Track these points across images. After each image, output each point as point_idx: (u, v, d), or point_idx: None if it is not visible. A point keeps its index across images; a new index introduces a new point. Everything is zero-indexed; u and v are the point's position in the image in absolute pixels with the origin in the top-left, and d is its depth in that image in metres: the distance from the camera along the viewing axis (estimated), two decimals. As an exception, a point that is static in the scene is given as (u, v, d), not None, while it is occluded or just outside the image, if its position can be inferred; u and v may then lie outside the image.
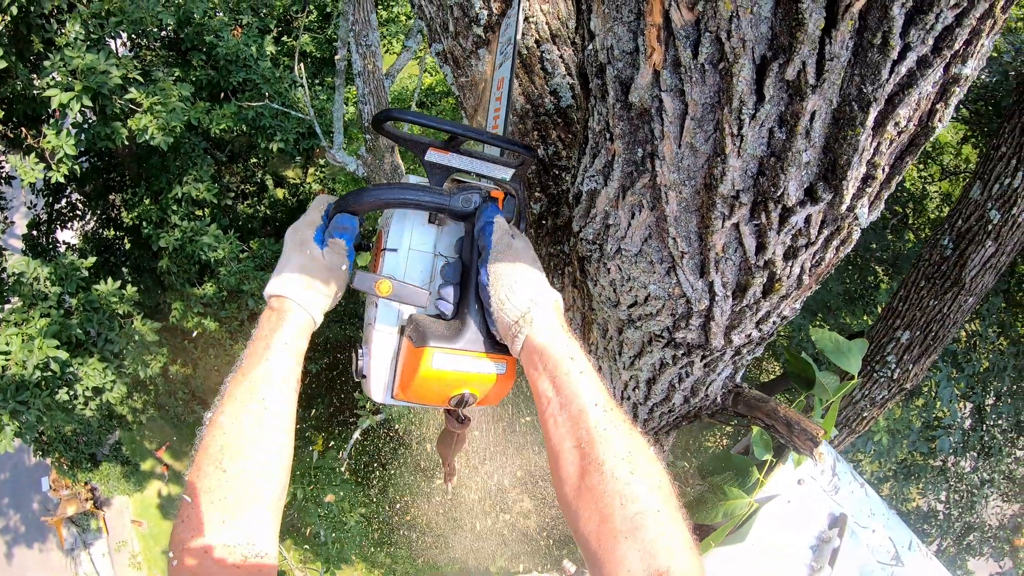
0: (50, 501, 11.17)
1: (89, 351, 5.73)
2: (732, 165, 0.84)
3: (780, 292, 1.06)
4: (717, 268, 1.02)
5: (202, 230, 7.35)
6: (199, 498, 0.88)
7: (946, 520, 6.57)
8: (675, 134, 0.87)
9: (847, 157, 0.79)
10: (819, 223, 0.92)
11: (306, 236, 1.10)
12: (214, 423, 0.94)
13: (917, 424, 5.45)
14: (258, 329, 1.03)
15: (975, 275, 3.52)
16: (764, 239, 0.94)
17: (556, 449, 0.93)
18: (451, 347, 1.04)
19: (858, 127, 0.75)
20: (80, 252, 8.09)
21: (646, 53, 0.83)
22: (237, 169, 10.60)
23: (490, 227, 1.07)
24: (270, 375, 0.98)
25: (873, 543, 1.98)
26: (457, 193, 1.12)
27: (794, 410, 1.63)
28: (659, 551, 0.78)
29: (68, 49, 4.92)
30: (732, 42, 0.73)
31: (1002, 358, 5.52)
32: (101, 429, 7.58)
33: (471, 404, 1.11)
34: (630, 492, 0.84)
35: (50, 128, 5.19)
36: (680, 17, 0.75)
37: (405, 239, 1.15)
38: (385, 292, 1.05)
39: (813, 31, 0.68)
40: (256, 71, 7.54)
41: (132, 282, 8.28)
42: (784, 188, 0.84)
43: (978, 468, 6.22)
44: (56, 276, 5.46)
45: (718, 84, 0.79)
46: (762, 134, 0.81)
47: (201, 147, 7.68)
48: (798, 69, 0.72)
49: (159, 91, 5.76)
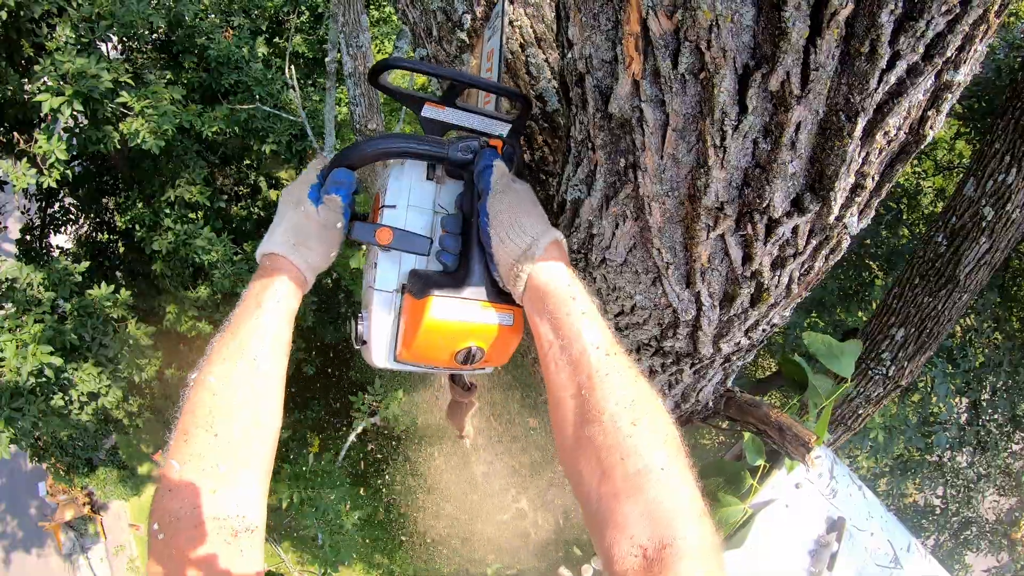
0: (48, 506, 11.14)
1: (83, 356, 5.71)
2: (715, 177, 0.82)
3: (768, 301, 1.05)
4: (703, 279, 1.01)
5: (195, 233, 7.31)
6: (188, 465, 0.83)
7: (943, 515, 6.58)
8: (656, 145, 0.85)
9: (834, 168, 0.77)
10: (807, 233, 0.90)
11: (300, 194, 1.07)
12: (201, 383, 0.90)
13: (913, 420, 5.45)
14: (248, 289, 1.00)
15: (969, 272, 3.52)
16: (750, 250, 0.92)
17: (555, 396, 0.87)
18: (454, 295, 1.00)
19: (846, 137, 0.73)
20: (74, 256, 8.06)
21: (625, 63, 0.81)
22: (230, 171, 10.55)
23: (489, 170, 1.04)
24: (261, 334, 0.94)
25: (871, 546, 1.98)
26: (455, 142, 1.09)
27: (786, 415, 1.62)
28: (663, 516, 0.72)
29: (58, 53, 4.89)
30: (712, 52, 0.70)
31: (997, 353, 5.52)
32: (97, 433, 7.56)
33: (479, 361, 1.06)
34: (631, 445, 0.77)
35: (41, 133, 5.16)
36: (658, 26, 0.73)
37: (403, 195, 1.12)
38: (385, 240, 1.02)
39: (797, 40, 0.66)
40: (248, 73, 7.51)
41: (126, 286, 8.25)
42: (770, 200, 0.82)
43: (974, 463, 6.22)
44: (49, 281, 5.44)
45: (699, 94, 0.77)
46: (746, 145, 0.78)
47: (193, 150, 7.65)
48: (782, 79, 0.70)
49: (150, 94, 5.73)
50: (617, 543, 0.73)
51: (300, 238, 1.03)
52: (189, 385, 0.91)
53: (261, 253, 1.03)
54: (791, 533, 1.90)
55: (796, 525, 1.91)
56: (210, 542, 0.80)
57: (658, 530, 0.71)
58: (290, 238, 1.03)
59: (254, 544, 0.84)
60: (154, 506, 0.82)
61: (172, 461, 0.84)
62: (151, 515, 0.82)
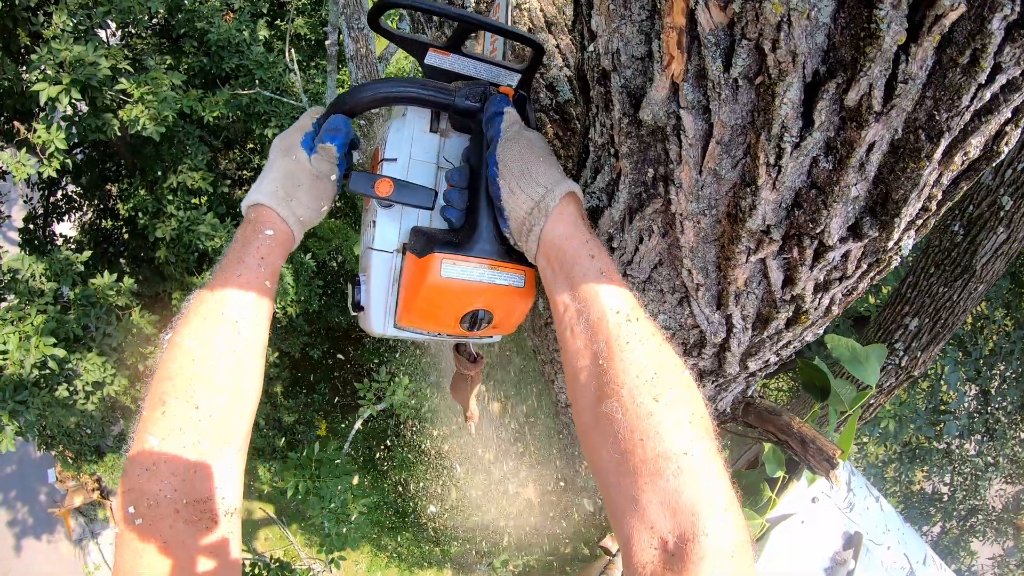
0: (57, 492, 11.20)
1: (87, 346, 5.68)
2: (764, 198, 0.72)
3: (806, 324, 0.97)
4: (737, 301, 0.93)
5: (199, 219, 7.25)
6: (167, 441, 0.76)
7: (950, 502, 6.56)
8: (695, 159, 0.74)
9: (904, 192, 0.67)
10: (858, 257, 0.81)
11: (293, 141, 0.99)
12: (178, 346, 0.82)
13: (922, 407, 5.41)
14: (232, 243, 0.92)
15: (986, 262, 3.45)
16: (794, 274, 0.84)
17: (572, 367, 0.80)
18: (460, 254, 0.92)
19: (923, 160, 0.63)
20: (77, 245, 8.02)
21: (662, 62, 0.69)
22: (233, 155, 10.46)
23: (500, 117, 0.95)
24: (243, 296, 0.86)
25: (887, 560, 1.93)
26: (462, 89, 1.00)
27: (809, 425, 1.57)
28: (684, 507, 0.65)
29: (55, 42, 4.80)
30: (778, 54, 0.60)
31: (1008, 341, 5.45)
32: (104, 421, 7.57)
33: (486, 326, 0.98)
34: (651, 425, 0.69)
35: (40, 123, 5.09)
36: (709, 19, 0.62)
37: (405, 148, 1.04)
38: (385, 192, 0.94)
39: (890, 46, 0.55)
40: (249, 56, 7.41)
41: (130, 273, 8.21)
42: (825, 225, 0.72)
43: (982, 451, 6.19)
44: (51, 272, 5.39)
45: (753, 103, 0.66)
46: (803, 163, 0.68)
47: (195, 135, 7.55)
48: (863, 92, 0.59)
49: (150, 80, 5.65)
50: (636, 533, 0.67)
51: (290, 189, 0.95)
52: (163, 345, 0.83)
53: (247, 204, 0.96)
54: (807, 550, 1.85)
55: (812, 541, 1.86)
56: (194, 528, 0.74)
57: (680, 522, 0.64)
58: (279, 189, 0.95)
59: (235, 527, 0.79)
60: (128, 485, 0.75)
61: (149, 436, 0.77)
62: (124, 495, 0.75)
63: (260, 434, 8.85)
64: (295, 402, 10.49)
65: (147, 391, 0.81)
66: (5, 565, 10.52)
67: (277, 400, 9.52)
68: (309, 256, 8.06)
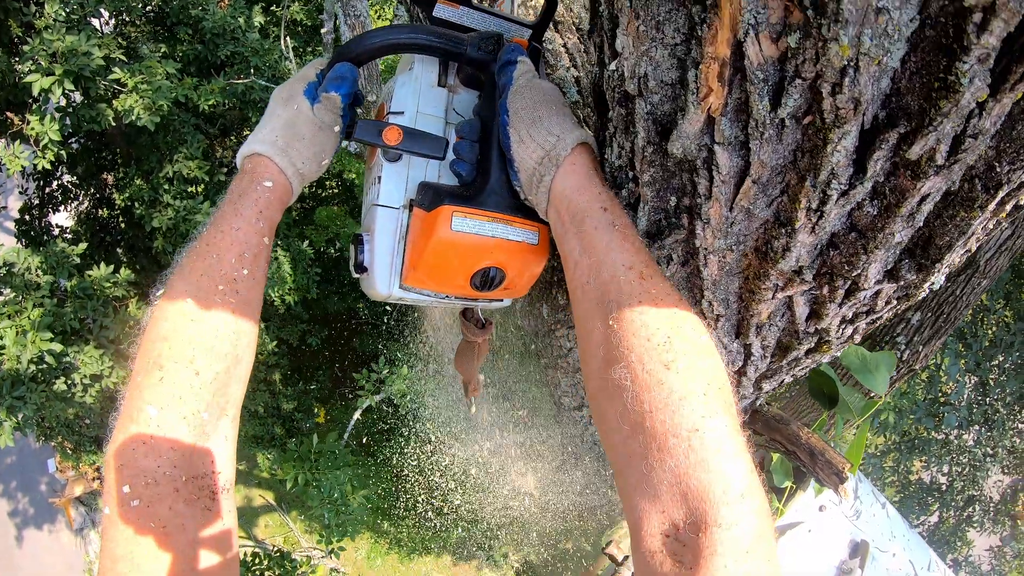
0: (57, 482, 11.21)
1: (85, 339, 5.65)
2: (801, 241, 0.68)
3: (827, 351, 0.94)
4: (758, 333, 0.90)
5: (195, 208, 7.19)
6: (167, 411, 0.70)
7: (948, 492, 6.60)
8: (727, 197, 0.69)
9: (950, 239, 0.63)
10: (889, 295, 0.77)
11: (295, 90, 0.94)
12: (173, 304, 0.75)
13: (921, 398, 5.42)
14: (226, 195, 0.86)
15: (990, 258, 3.43)
16: (821, 309, 0.80)
17: (582, 328, 0.74)
18: (471, 207, 0.87)
19: (976, 210, 0.59)
20: (73, 236, 7.96)
21: (699, 93, 0.63)
22: (230, 143, 10.38)
23: (513, 66, 0.90)
24: (241, 252, 0.81)
25: (893, 567, 1.93)
26: (473, 39, 0.95)
27: (818, 436, 1.56)
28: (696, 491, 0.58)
29: (47, 32, 4.72)
30: (838, 100, 0.54)
31: (1008, 333, 5.46)
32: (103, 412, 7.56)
33: (498, 285, 0.94)
34: (661, 397, 0.62)
35: (34, 114, 5.03)
36: (758, 52, 0.56)
37: (412, 102, 1.00)
38: (393, 140, 0.89)
39: (968, 102, 0.49)
40: (244, 43, 7.31)
41: (127, 263, 8.16)
42: (863, 269, 0.68)
43: (980, 441, 6.21)
44: (48, 264, 5.35)
45: (798, 143, 0.60)
46: (847, 209, 0.63)
47: (191, 123, 7.48)
48: (930, 147, 0.54)
49: (144, 69, 5.58)
50: (647, 516, 0.62)
51: (290, 139, 0.90)
52: (155, 303, 0.77)
53: (243, 155, 0.91)
54: (814, 559, 1.84)
55: (819, 550, 1.85)
56: (193, 509, 0.69)
57: (691, 509, 0.58)
58: (278, 138, 0.90)
59: (231, 505, 0.74)
60: (122, 461, 0.68)
61: (147, 405, 0.70)
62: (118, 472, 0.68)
63: (259, 422, 8.85)
64: (293, 390, 10.49)
65: (137, 351, 0.75)
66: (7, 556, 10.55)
67: (276, 388, 9.51)
68: (307, 244, 8.03)
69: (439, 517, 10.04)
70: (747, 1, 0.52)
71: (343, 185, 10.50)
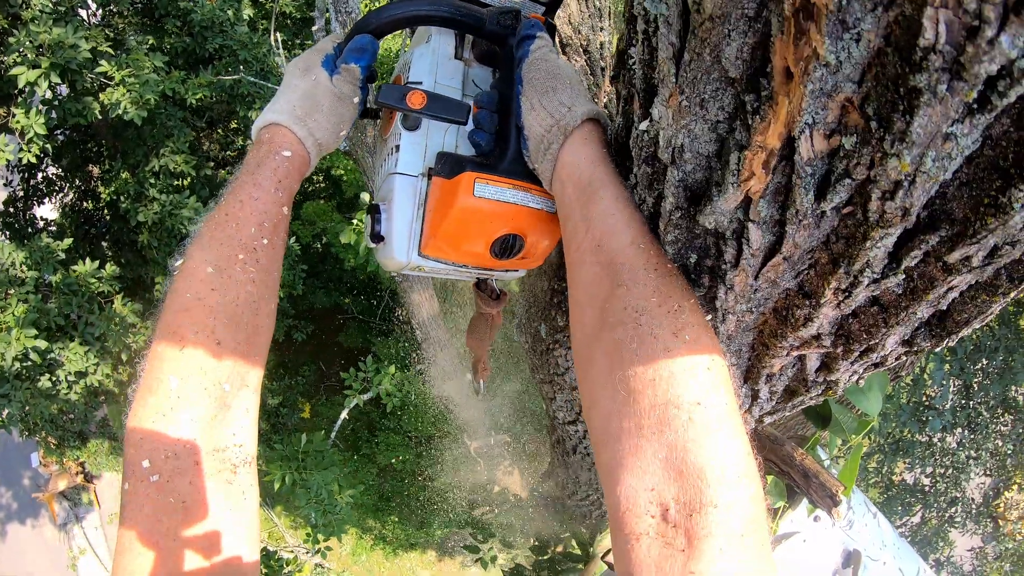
0: (41, 477, 11.12)
1: (70, 335, 5.59)
2: (824, 314, 0.68)
3: (832, 396, 0.95)
4: (768, 381, 0.89)
5: (181, 203, 7.12)
6: (188, 382, 0.68)
7: (931, 494, 6.68)
8: (754, 268, 0.68)
9: (968, 317, 0.63)
10: (900, 354, 0.77)
11: (313, 62, 0.93)
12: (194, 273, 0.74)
13: (905, 401, 5.48)
14: (243, 165, 0.84)
15: (977, 268, 3.48)
16: (833, 364, 0.80)
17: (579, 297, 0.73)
18: (492, 174, 0.87)
19: (998, 296, 0.59)
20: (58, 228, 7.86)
21: (739, 175, 0.61)
22: (216, 136, 10.29)
23: (531, 40, 0.91)
24: (261, 221, 0.79)
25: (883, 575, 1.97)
26: (493, 13, 0.96)
27: (812, 458, 1.57)
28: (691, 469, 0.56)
29: (34, 24, 4.65)
30: (887, 206, 0.53)
31: (992, 338, 5.52)
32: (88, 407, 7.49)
33: (517, 253, 0.94)
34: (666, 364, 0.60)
35: (19, 107, 4.95)
36: (810, 148, 0.54)
37: (430, 73, 0.99)
38: (418, 104, 0.88)
39: (1017, 223, 0.49)
40: (233, 37, 7.23)
41: (112, 256, 8.08)
42: (881, 340, 0.68)
43: (963, 444, 6.29)
44: (32, 260, 5.29)
45: (834, 230, 0.60)
46: (875, 293, 0.64)
47: (178, 117, 7.40)
48: (967, 256, 0.54)
49: (131, 62, 5.50)
50: (633, 494, 0.58)
51: (308, 108, 0.89)
52: (173, 275, 0.75)
53: (259, 126, 0.89)
54: (808, 568, 1.87)
55: (813, 559, 1.88)
56: (214, 483, 0.67)
57: (685, 487, 0.55)
58: (296, 108, 0.88)
59: (253, 480, 0.72)
60: (140, 434, 0.66)
61: (170, 376, 0.68)
62: (137, 444, 0.66)
63: (244, 417, 8.78)
64: (279, 385, 10.45)
65: (157, 321, 0.73)
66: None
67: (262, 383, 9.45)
68: (293, 240, 7.97)
69: (424, 513, 10.05)
70: (808, 102, 0.52)
71: (330, 180, 10.44)
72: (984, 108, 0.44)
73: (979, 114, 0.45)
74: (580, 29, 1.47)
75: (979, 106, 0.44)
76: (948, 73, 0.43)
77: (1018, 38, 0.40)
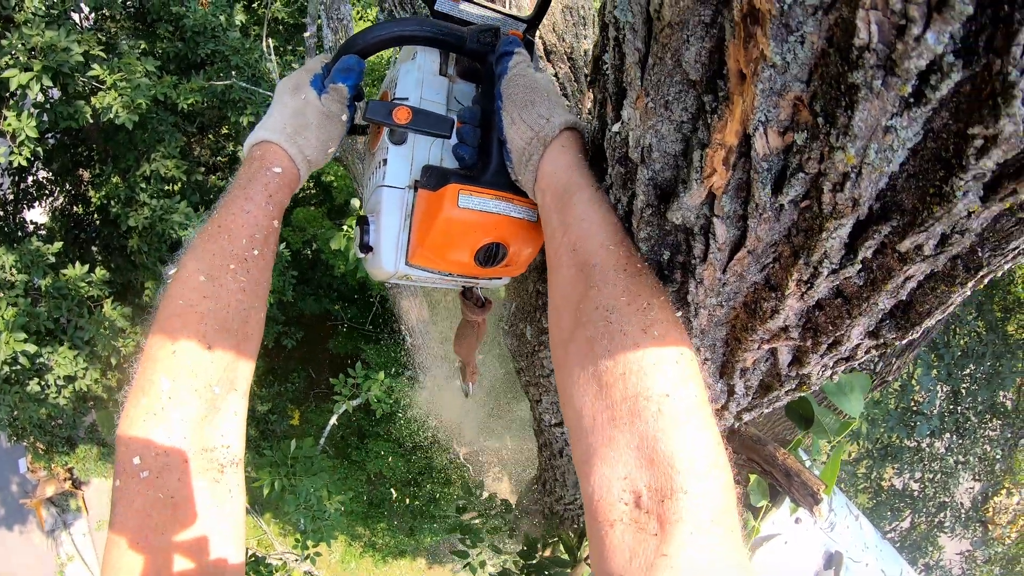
0: (28, 483, 11.01)
1: (59, 339, 5.56)
2: (790, 306, 0.71)
3: (806, 391, 0.97)
4: (742, 375, 0.92)
5: (172, 208, 7.10)
6: (179, 383, 0.71)
7: (920, 499, 6.71)
8: (721, 261, 0.71)
9: (929, 307, 0.66)
10: (869, 347, 0.80)
11: (302, 81, 0.97)
12: (187, 281, 0.77)
13: (893, 407, 5.51)
14: (234, 180, 0.87)
15: (962, 273, 3.51)
16: (804, 358, 0.83)
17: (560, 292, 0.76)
18: (476, 185, 0.91)
19: (956, 286, 0.62)
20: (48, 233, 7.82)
21: (702, 172, 0.65)
22: (207, 141, 10.27)
23: (509, 56, 0.95)
24: (252, 233, 0.82)
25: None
26: (473, 31, 1.00)
27: (794, 458, 1.58)
28: (662, 457, 0.58)
29: (26, 26, 4.65)
30: (838, 197, 0.56)
31: (980, 343, 5.57)
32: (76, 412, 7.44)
33: (501, 261, 0.98)
34: (636, 359, 0.62)
35: (10, 110, 4.94)
36: (765, 145, 0.58)
37: (415, 89, 1.03)
38: (404, 119, 0.91)
39: (960, 211, 0.52)
40: (225, 42, 7.24)
41: (102, 261, 8.04)
42: (846, 331, 0.71)
43: (952, 449, 6.33)
44: (22, 263, 5.26)
45: (794, 223, 0.63)
46: (836, 282, 0.66)
47: (169, 122, 7.39)
48: (918, 244, 0.57)
49: (123, 66, 5.51)
50: (606, 483, 0.60)
51: (298, 127, 0.92)
52: (167, 284, 0.78)
53: (251, 143, 0.92)
54: (790, 569, 1.89)
55: (795, 561, 1.90)
56: (201, 481, 0.69)
57: (656, 474, 0.57)
58: (287, 126, 0.92)
59: (239, 481, 0.75)
60: (133, 433, 0.68)
61: (161, 377, 0.70)
62: (128, 443, 0.68)
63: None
64: (268, 391, 10.40)
65: (150, 326, 0.76)
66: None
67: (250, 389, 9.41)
68: (283, 246, 7.95)
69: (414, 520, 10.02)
70: (760, 101, 0.55)
71: (320, 187, 10.43)
72: (920, 102, 0.47)
73: (916, 107, 0.48)
74: (564, 37, 1.49)
75: (915, 100, 0.47)
76: (883, 70, 0.46)
77: (943, 34, 0.43)
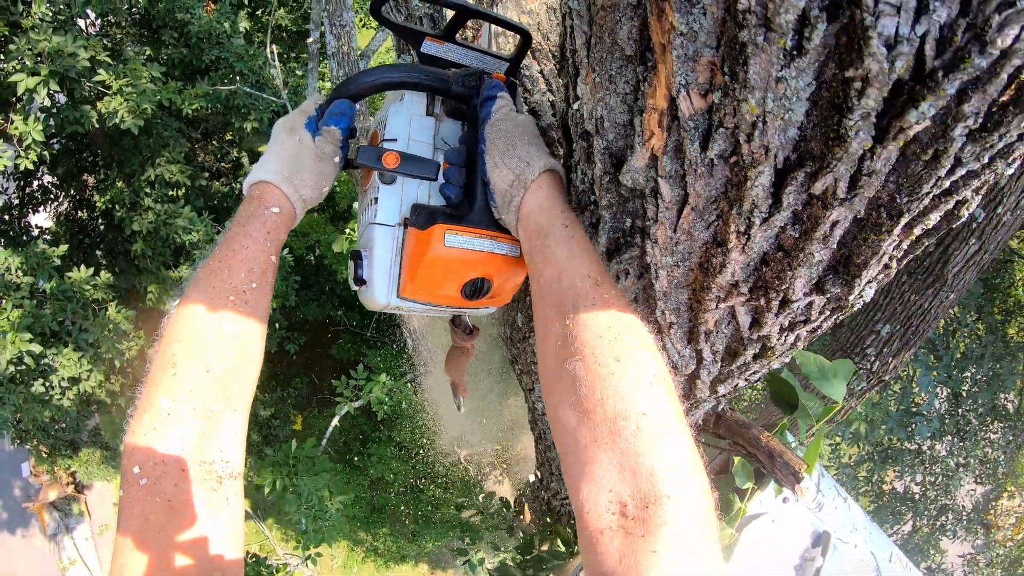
0: (31, 487, 11.06)
1: (64, 341, 5.61)
2: (734, 259, 0.77)
3: (772, 357, 1.01)
4: (707, 339, 0.97)
5: (176, 212, 7.17)
6: (178, 402, 0.77)
7: (922, 502, 6.70)
8: (671, 220, 0.78)
9: (865, 258, 0.71)
10: (822, 306, 0.85)
11: (297, 123, 1.03)
12: (187, 314, 0.84)
13: (893, 409, 5.51)
14: (235, 219, 0.94)
15: (958, 271, 3.53)
16: (761, 318, 0.88)
17: (542, 329, 0.82)
18: (461, 225, 0.97)
19: (883, 233, 0.67)
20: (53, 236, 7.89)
21: (643, 135, 0.73)
22: (212, 147, 10.35)
23: (492, 100, 1.00)
24: (250, 268, 0.89)
25: (855, 558, 2.00)
26: (458, 75, 1.06)
27: (777, 440, 1.61)
28: (644, 469, 0.63)
29: (34, 32, 4.72)
30: (752, 146, 0.63)
31: (980, 345, 5.57)
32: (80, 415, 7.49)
33: (486, 294, 1.04)
34: (612, 385, 0.68)
35: (18, 114, 5.01)
36: (689, 105, 0.65)
37: (404, 129, 1.09)
38: (392, 164, 0.98)
39: (856, 150, 0.58)
40: (229, 48, 7.32)
41: (106, 266, 8.11)
42: (790, 284, 0.77)
43: (953, 452, 6.32)
44: (28, 265, 5.32)
45: (727, 178, 0.70)
46: (771, 233, 0.72)
47: (174, 127, 7.46)
48: (829, 185, 0.63)
49: (129, 72, 5.58)
50: (593, 496, 0.65)
51: (294, 168, 0.99)
52: (171, 313, 0.85)
53: (250, 183, 0.99)
54: (777, 548, 1.91)
55: (782, 540, 1.92)
56: (199, 489, 0.75)
57: (640, 485, 0.63)
58: (283, 168, 0.98)
59: (238, 491, 0.81)
60: (135, 445, 0.75)
61: (161, 397, 0.77)
62: (130, 455, 0.75)
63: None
64: (271, 396, 10.44)
65: (155, 353, 0.82)
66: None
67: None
68: (287, 251, 8.00)
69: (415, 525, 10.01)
70: (678, 67, 0.63)
71: (327, 193, 10.46)
72: (801, 52, 0.55)
73: (799, 58, 0.55)
74: (549, 36, 1.54)
75: (797, 52, 0.55)
76: (763, 27, 0.54)
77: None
